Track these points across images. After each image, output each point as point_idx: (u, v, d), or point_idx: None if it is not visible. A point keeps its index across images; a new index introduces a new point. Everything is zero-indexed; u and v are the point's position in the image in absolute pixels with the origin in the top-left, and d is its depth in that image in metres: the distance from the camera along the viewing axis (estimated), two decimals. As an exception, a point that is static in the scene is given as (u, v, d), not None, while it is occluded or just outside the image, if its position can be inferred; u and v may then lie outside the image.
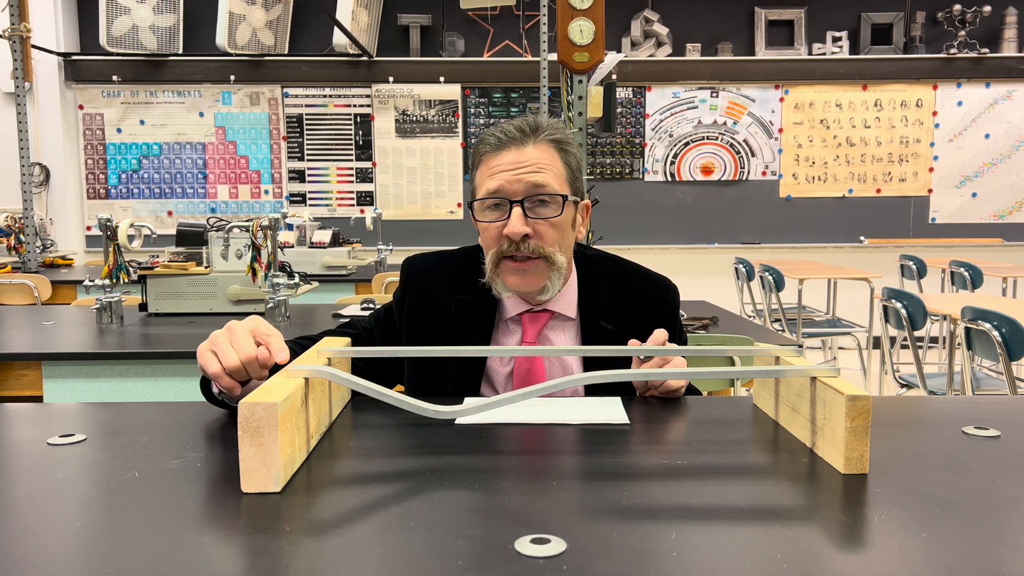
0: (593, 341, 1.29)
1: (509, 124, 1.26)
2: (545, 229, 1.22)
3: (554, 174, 1.24)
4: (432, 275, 1.34)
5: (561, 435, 0.99)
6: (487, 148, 1.26)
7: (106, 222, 2.47)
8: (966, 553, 0.64)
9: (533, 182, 1.21)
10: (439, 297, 1.32)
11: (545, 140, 1.25)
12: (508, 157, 1.23)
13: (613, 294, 1.32)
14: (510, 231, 1.20)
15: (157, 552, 0.64)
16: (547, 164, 1.23)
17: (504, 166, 1.23)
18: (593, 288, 1.32)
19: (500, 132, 1.25)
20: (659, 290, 1.35)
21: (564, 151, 1.27)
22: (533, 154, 1.23)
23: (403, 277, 1.36)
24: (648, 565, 0.61)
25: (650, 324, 1.22)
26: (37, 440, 0.96)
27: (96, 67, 5.81)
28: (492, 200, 1.23)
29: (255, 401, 0.78)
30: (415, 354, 1.09)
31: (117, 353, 2.10)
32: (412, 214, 6.00)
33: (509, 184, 1.21)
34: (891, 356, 4.24)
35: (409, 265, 1.38)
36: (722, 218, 6.02)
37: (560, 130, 1.27)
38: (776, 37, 5.94)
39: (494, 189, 1.22)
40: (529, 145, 1.24)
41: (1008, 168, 5.97)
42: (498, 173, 1.23)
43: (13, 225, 4.43)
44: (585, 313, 1.30)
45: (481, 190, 1.25)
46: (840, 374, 0.91)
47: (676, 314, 1.37)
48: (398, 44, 5.95)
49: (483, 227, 1.26)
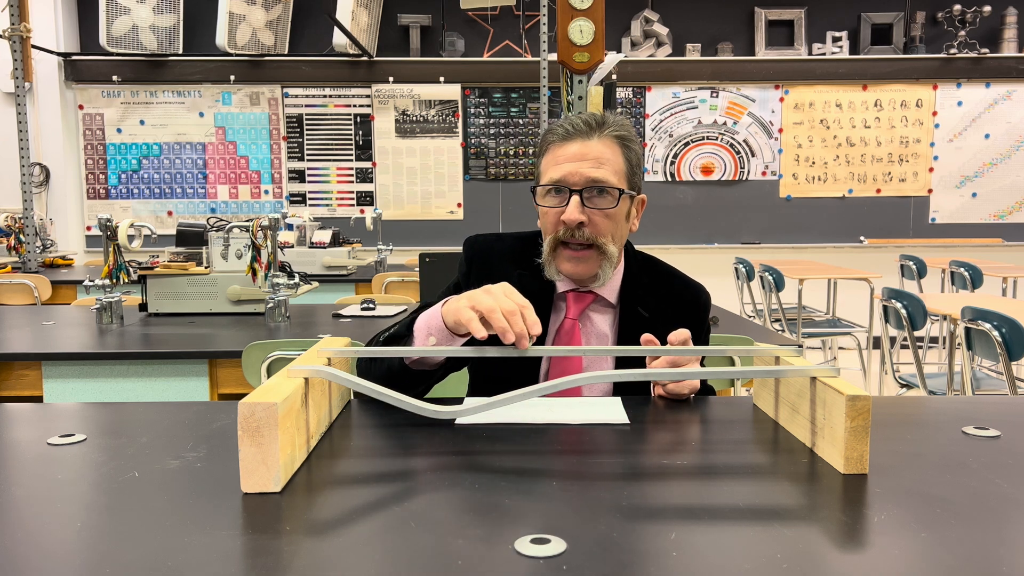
0: (630, 326, 1.35)
1: (577, 117, 1.33)
2: (600, 219, 1.29)
3: (613, 169, 1.30)
4: (494, 251, 1.43)
5: (561, 435, 0.99)
6: (555, 138, 1.33)
7: (106, 222, 2.47)
8: (966, 553, 0.64)
9: (593, 177, 1.28)
10: (503, 270, 1.38)
11: (609, 135, 1.31)
12: (573, 148, 1.30)
13: (653, 287, 1.40)
14: (567, 217, 1.27)
15: (157, 552, 0.64)
16: (608, 159, 1.30)
17: (568, 157, 1.29)
18: (636, 278, 1.40)
19: (568, 124, 1.32)
20: (694, 293, 1.43)
21: (626, 147, 1.33)
22: (597, 148, 1.30)
23: (467, 253, 1.44)
24: (648, 565, 0.61)
25: (683, 321, 1.30)
26: (37, 440, 0.96)
27: (96, 67, 5.81)
28: (553, 187, 1.31)
29: (255, 401, 0.78)
30: (430, 353, 1.12)
31: (117, 353, 2.10)
32: (412, 214, 5.99)
33: (571, 175, 1.29)
34: (891, 356, 4.24)
35: (472, 243, 1.45)
36: (722, 218, 6.02)
37: (625, 127, 1.34)
38: (776, 37, 5.94)
39: (557, 178, 1.30)
40: (594, 139, 1.30)
41: (1008, 168, 5.97)
42: (563, 163, 1.30)
43: (13, 225, 4.43)
44: (625, 300, 1.38)
45: (544, 177, 1.33)
46: (840, 374, 0.91)
47: (706, 317, 1.44)
48: (398, 44, 5.95)
49: (543, 211, 1.34)
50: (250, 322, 2.53)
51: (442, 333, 1.13)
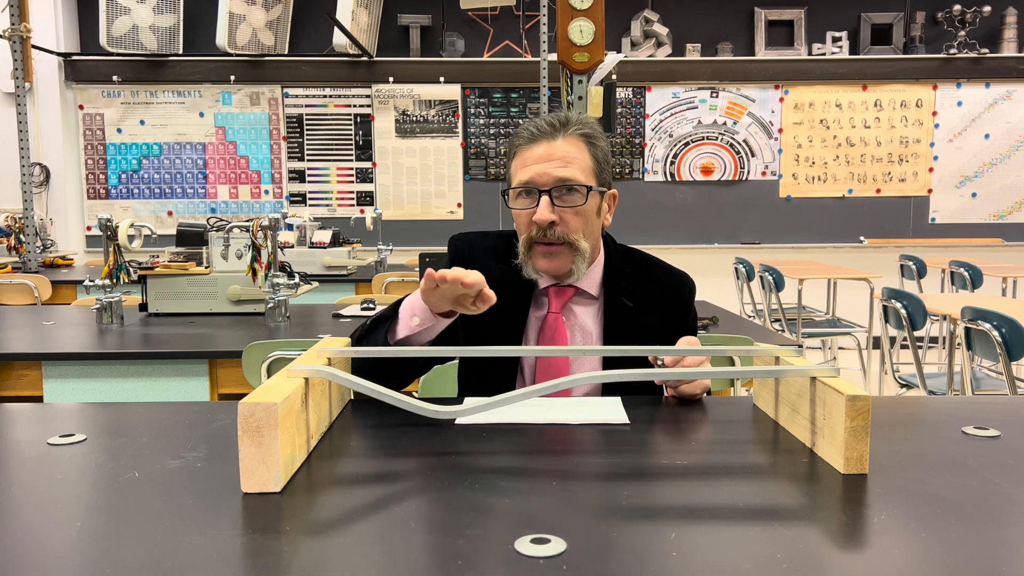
0: (614, 317, 1.38)
1: (542, 119, 1.37)
2: (570, 217, 1.33)
3: (580, 167, 1.33)
4: (476, 247, 1.47)
5: (561, 435, 0.99)
6: (521, 141, 1.37)
7: (106, 222, 2.47)
8: (966, 553, 0.64)
9: (560, 176, 1.32)
10: (485, 265, 1.40)
11: (574, 134, 1.35)
12: (539, 150, 1.34)
13: (636, 277, 1.43)
14: (538, 218, 1.31)
15: (157, 552, 0.64)
16: (575, 157, 1.33)
17: (535, 158, 1.33)
18: (618, 269, 1.43)
19: (533, 127, 1.36)
20: (678, 280, 1.46)
21: (592, 144, 1.36)
22: (562, 148, 1.33)
23: (451, 249, 1.49)
24: (648, 565, 0.61)
25: (667, 309, 1.39)
26: (37, 440, 0.96)
27: (96, 67, 5.81)
28: (523, 189, 1.34)
29: (255, 401, 0.78)
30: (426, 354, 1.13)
31: (117, 353, 2.10)
32: (412, 214, 5.99)
33: (539, 176, 1.32)
34: (891, 356, 4.24)
35: (456, 240, 1.50)
36: (722, 218, 6.02)
37: (588, 124, 1.37)
38: (776, 37, 5.94)
39: (525, 180, 1.33)
40: (559, 139, 1.34)
41: (1008, 168, 5.97)
42: (530, 164, 1.33)
43: (13, 225, 4.43)
44: (608, 291, 1.41)
45: (514, 180, 1.37)
46: (840, 374, 0.91)
47: (691, 305, 1.46)
48: (398, 44, 5.95)
49: (515, 213, 1.37)
50: (250, 322, 2.53)
51: (424, 312, 1.23)
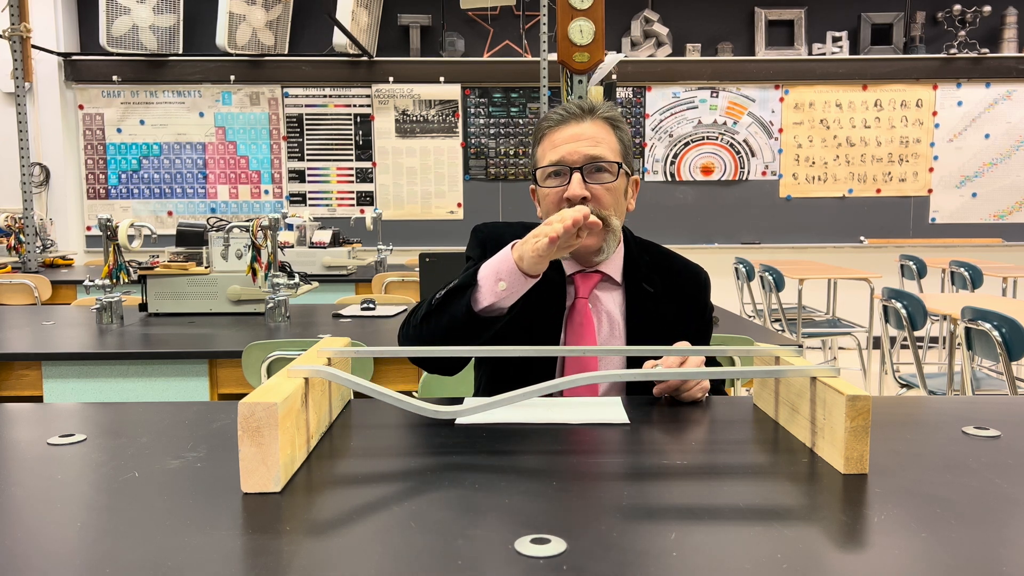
0: (637, 303, 1.42)
1: (569, 103, 1.41)
2: (602, 193, 1.35)
3: (609, 147, 1.37)
4: (504, 235, 1.46)
5: (561, 435, 0.99)
6: (550, 124, 1.40)
7: (106, 222, 2.47)
8: (966, 553, 0.64)
9: (591, 154, 1.35)
10: None
11: (600, 117, 1.39)
12: (568, 131, 1.37)
13: (655, 266, 1.47)
14: (570, 194, 1.33)
15: (157, 552, 0.64)
16: (603, 138, 1.37)
17: (565, 139, 1.36)
18: (637, 258, 1.46)
19: (562, 109, 1.40)
20: (694, 271, 1.51)
21: (617, 128, 1.41)
22: (591, 129, 1.37)
23: (478, 237, 1.49)
24: (648, 565, 0.61)
25: (685, 301, 1.44)
26: (37, 440, 0.96)
27: (96, 67, 5.81)
28: (554, 168, 1.36)
29: (255, 401, 0.78)
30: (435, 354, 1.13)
31: (117, 353, 2.10)
32: (412, 214, 5.99)
33: (569, 154, 1.35)
34: (891, 356, 4.24)
35: (484, 228, 1.51)
36: (722, 218, 6.02)
37: (613, 109, 1.43)
38: (776, 37, 5.94)
39: (556, 160, 1.36)
40: (587, 121, 1.38)
41: (1008, 168, 5.97)
42: (560, 145, 1.36)
43: (13, 225, 4.43)
44: (630, 277, 1.44)
45: (543, 161, 1.39)
46: (840, 374, 0.91)
47: (708, 297, 1.51)
48: (398, 44, 5.95)
49: (544, 193, 1.39)
50: (250, 322, 2.53)
51: (511, 275, 1.19)
